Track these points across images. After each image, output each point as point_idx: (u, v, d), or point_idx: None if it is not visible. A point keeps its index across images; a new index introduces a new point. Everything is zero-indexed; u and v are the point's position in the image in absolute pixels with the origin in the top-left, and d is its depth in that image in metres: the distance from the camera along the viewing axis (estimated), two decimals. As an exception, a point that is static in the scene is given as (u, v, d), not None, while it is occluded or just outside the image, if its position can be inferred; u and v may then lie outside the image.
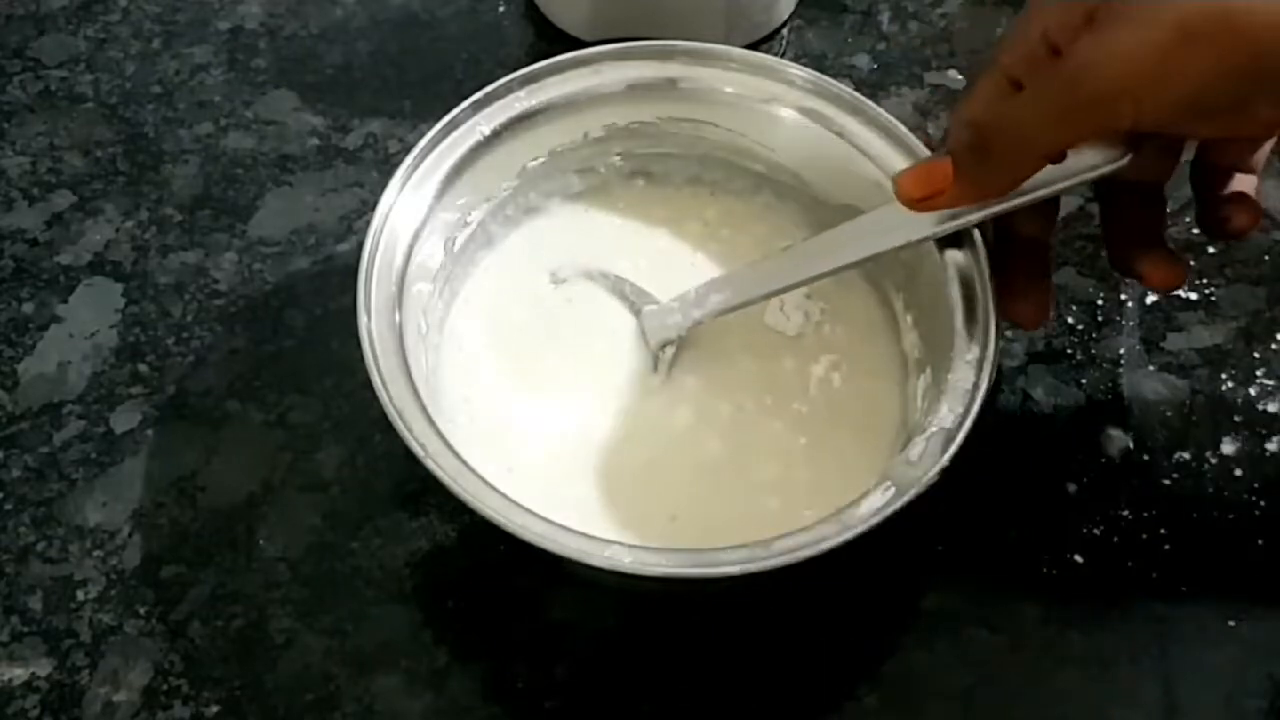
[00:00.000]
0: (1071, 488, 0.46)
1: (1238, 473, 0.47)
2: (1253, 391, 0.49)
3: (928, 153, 0.45)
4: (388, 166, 0.53)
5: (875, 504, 0.37)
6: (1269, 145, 0.42)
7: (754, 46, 0.49)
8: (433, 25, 0.60)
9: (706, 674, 0.42)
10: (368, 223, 0.43)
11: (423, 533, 0.45)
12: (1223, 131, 0.38)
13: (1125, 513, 0.46)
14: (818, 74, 0.47)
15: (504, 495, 0.38)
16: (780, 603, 0.43)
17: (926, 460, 0.38)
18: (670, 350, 0.46)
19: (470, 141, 0.46)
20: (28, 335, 0.50)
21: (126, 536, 0.45)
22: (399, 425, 0.38)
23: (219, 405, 0.48)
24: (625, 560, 0.37)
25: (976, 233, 0.43)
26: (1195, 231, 0.53)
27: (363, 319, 0.41)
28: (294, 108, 0.57)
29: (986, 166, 0.38)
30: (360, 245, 0.42)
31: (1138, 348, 0.50)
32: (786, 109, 0.47)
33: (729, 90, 0.47)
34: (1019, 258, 0.42)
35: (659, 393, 0.46)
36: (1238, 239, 0.48)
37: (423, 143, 0.45)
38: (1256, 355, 0.50)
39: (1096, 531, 0.45)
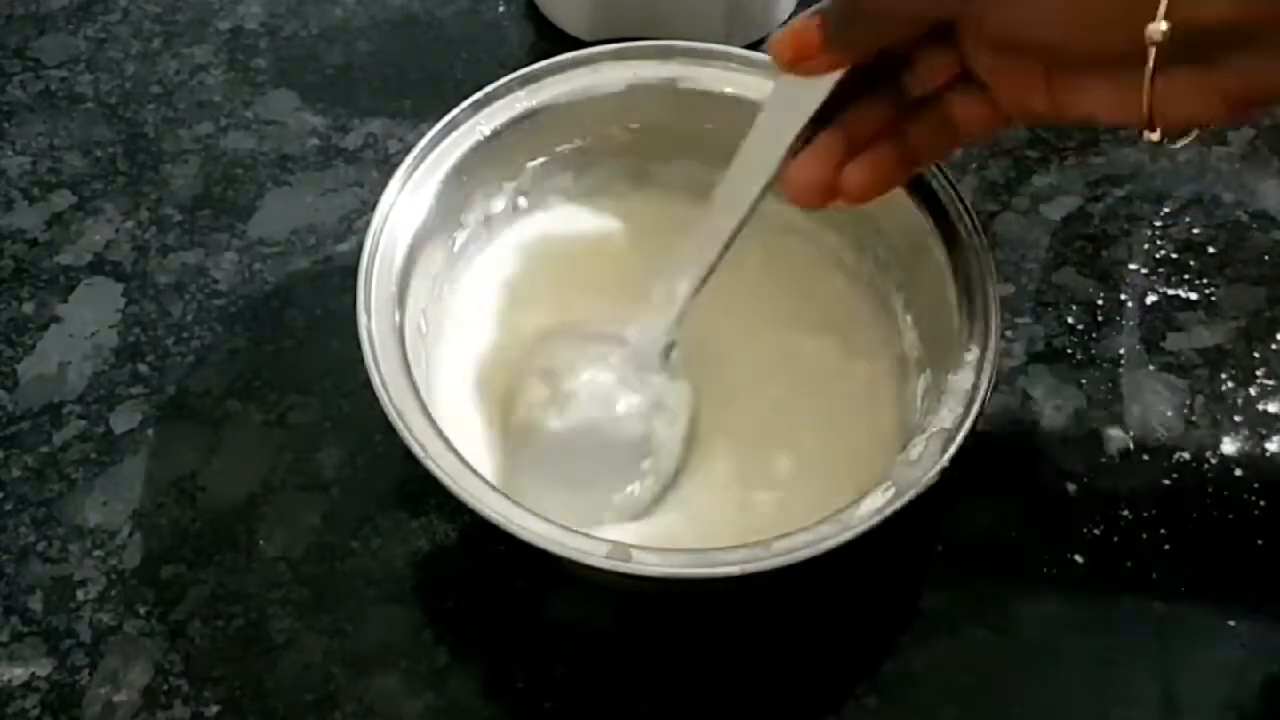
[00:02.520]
0: (1071, 488, 0.46)
1: (1238, 473, 0.47)
2: (1253, 391, 0.49)
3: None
4: (388, 166, 0.53)
5: (875, 504, 0.37)
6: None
7: (754, 46, 0.49)
8: (433, 25, 0.60)
9: (706, 674, 0.42)
10: (368, 223, 0.43)
11: (423, 533, 0.45)
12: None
13: (1125, 513, 0.46)
14: (818, 74, 0.47)
15: (504, 495, 0.38)
16: (780, 603, 0.43)
17: (926, 460, 0.38)
18: (674, 352, 0.45)
19: (470, 141, 0.46)
20: (28, 335, 0.50)
21: (126, 536, 0.45)
22: (399, 425, 0.38)
23: (219, 405, 0.48)
24: (625, 560, 0.37)
25: (976, 231, 0.43)
26: (1195, 231, 0.53)
27: (363, 319, 0.41)
28: (294, 108, 0.57)
29: (853, 28, 0.37)
30: (360, 245, 0.42)
31: (1138, 348, 0.50)
32: (786, 109, 0.47)
33: (729, 90, 0.47)
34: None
35: (658, 394, 0.45)
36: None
37: (423, 143, 0.45)
38: (1256, 355, 0.50)
39: (1096, 531, 0.45)
